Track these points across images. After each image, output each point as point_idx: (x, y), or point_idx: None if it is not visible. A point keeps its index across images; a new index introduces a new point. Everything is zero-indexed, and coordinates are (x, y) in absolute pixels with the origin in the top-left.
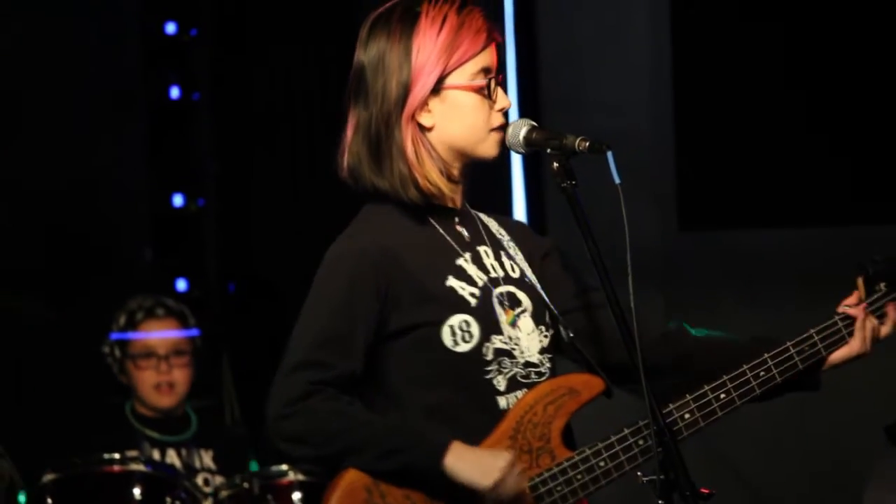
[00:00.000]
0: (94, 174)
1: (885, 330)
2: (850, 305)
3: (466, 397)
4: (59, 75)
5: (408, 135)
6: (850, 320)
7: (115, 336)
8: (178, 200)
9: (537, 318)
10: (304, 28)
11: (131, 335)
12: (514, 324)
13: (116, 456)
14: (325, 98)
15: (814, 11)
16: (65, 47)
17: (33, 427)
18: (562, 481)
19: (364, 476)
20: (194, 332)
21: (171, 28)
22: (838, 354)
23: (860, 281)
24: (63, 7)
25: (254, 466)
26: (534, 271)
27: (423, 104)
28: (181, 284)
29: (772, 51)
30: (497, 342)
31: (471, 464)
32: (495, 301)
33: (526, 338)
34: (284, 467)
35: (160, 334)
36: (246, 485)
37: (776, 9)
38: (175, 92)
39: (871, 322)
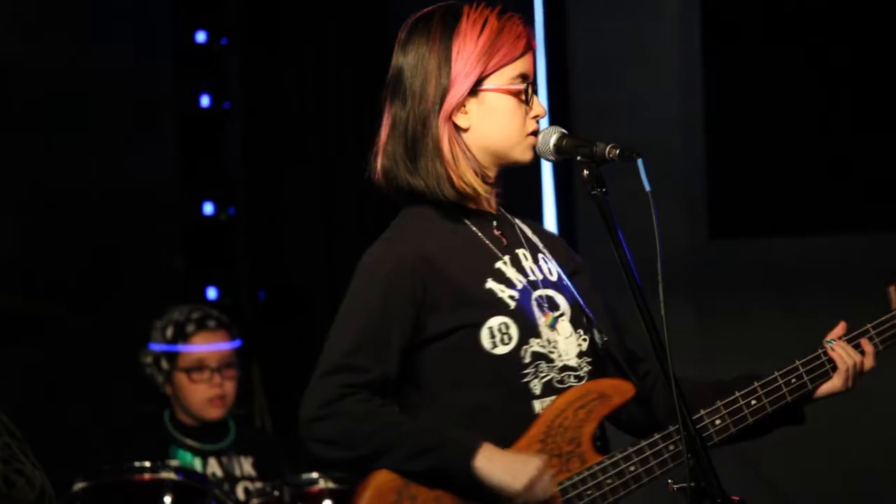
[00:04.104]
0: (125, 183)
1: (868, 363)
2: (835, 339)
3: (502, 400)
4: (91, 85)
5: (444, 134)
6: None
7: (160, 347)
8: (208, 209)
9: (575, 322)
10: (334, 36)
11: (182, 347)
12: (552, 326)
13: (147, 464)
14: (356, 106)
15: (850, 17)
16: (96, 57)
17: (66, 437)
18: (592, 485)
19: (395, 477)
20: (238, 343)
21: (201, 37)
22: (822, 389)
23: (892, 290)
24: (93, 17)
25: None
26: None
27: (461, 105)
28: (212, 293)
29: (804, 55)
30: (535, 345)
31: (502, 466)
32: (534, 304)
33: (564, 341)
34: (315, 475)
35: (213, 347)
36: (277, 493)
37: (809, 15)
38: (205, 100)
39: (854, 357)
